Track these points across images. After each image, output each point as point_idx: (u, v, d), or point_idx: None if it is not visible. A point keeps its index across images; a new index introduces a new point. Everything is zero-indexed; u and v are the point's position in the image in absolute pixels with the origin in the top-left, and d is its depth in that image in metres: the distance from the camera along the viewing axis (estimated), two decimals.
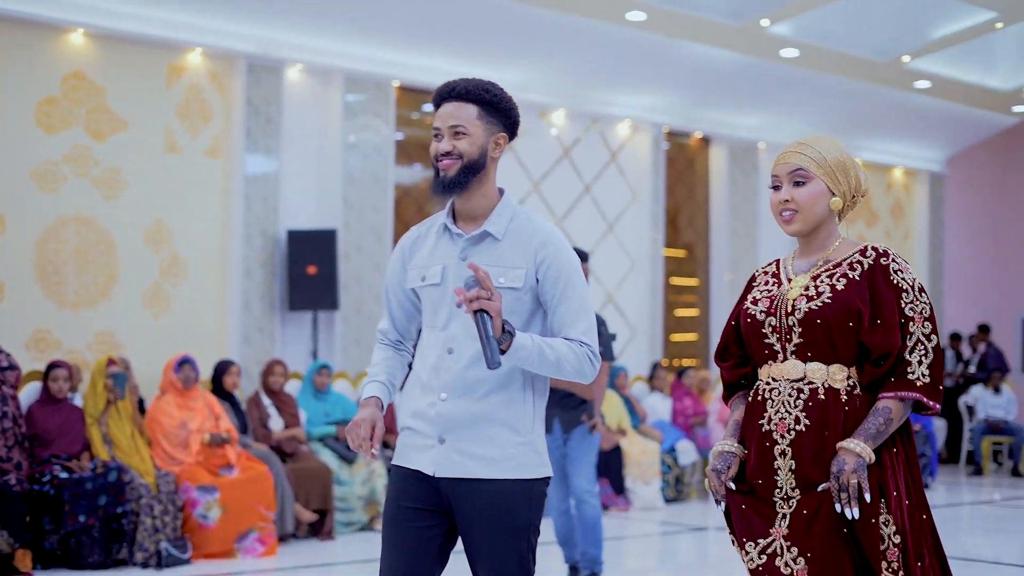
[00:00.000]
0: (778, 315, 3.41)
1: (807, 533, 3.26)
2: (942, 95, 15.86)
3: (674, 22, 12.60)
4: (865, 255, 3.39)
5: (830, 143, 3.47)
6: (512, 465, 3.50)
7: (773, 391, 3.41)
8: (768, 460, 3.37)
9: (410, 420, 3.59)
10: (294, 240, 11.54)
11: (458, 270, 3.54)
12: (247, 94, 11.67)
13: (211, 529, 8.22)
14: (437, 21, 12.16)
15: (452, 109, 3.56)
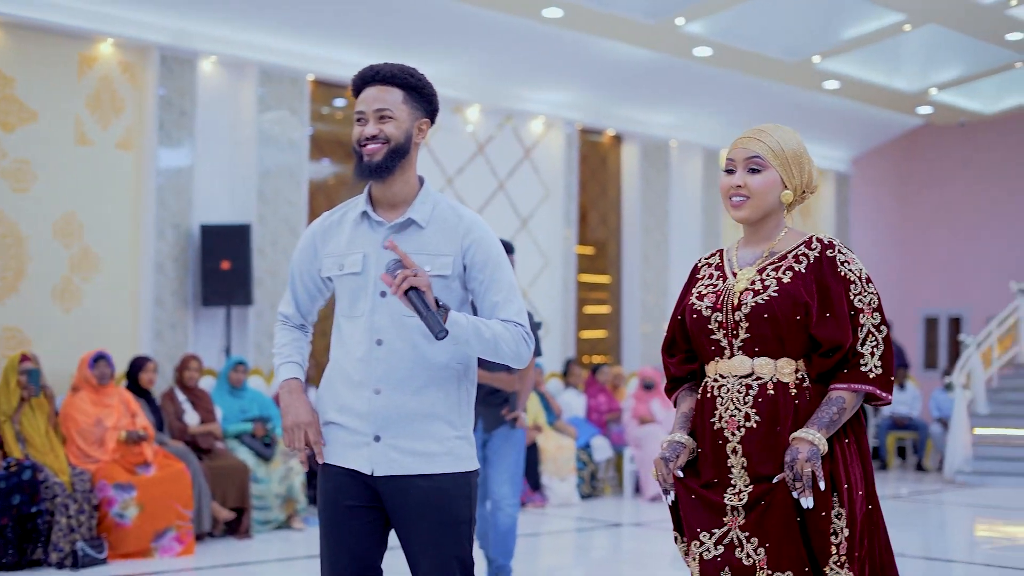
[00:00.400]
0: (724, 310, 3.38)
1: (761, 524, 3.24)
2: (850, 95, 16.12)
3: (590, 19, 12.65)
4: (810, 247, 3.37)
5: (788, 134, 3.45)
6: (451, 459, 3.47)
7: (722, 388, 3.38)
8: (721, 458, 3.35)
9: (336, 415, 3.51)
10: (207, 235, 11.39)
11: (380, 258, 3.48)
12: (160, 86, 11.48)
13: (128, 528, 8.07)
14: (352, 15, 12.07)
15: (377, 93, 3.49)
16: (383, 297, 3.45)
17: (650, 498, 12.25)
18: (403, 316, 3.43)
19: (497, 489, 6.73)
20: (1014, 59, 15.35)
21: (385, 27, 12.43)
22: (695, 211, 16.53)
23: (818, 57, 14.48)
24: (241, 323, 11.86)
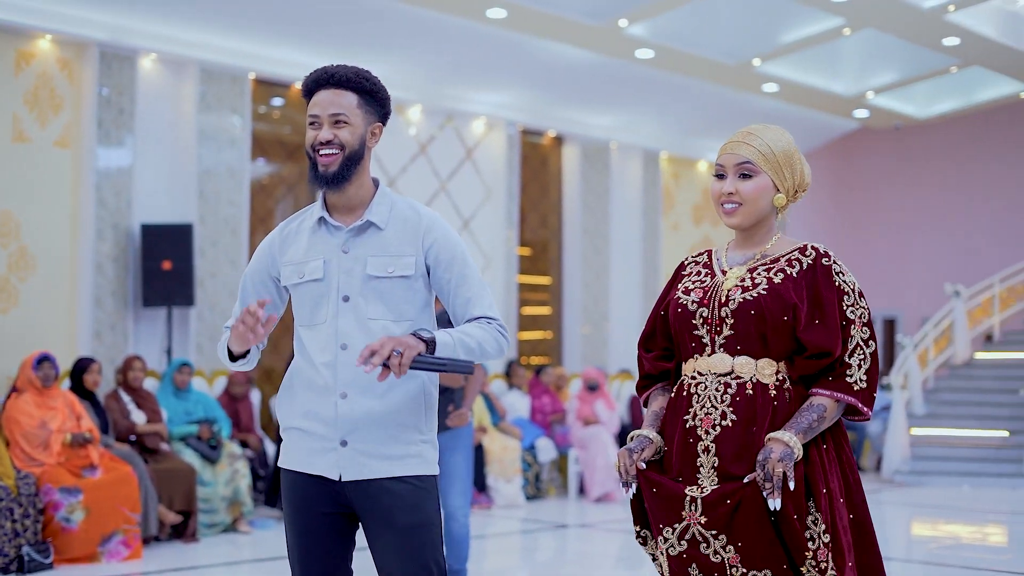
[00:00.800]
0: (711, 306, 3.33)
1: (731, 523, 3.16)
2: (788, 99, 16.25)
3: (534, 20, 12.62)
4: (805, 253, 3.33)
5: (778, 134, 3.41)
6: (418, 462, 3.44)
7: (699, 385, 3.32)
8: (690, 456, 3.29)
9: (300, 421, 3.46)
10: (148, 234, 11.22)
11: (340, 263, 3.43)
12: (99, 83, 11.29)
13: (74, 532, 7.91)
14: (294, 13, 11.96)
15: (332, 97, 3.44)
16: (346, 302, 3.40)
17: (595, 499, 12.25)
18: (368, 320, 3.40)
19: (450, 500, 6.51)
20: (950, 64, 15.55)
21: (327, 26, 12.33)
22: (635, 213, 16.56)
23: (758, 60, 14.58)
24: (182, 324, 11.68)
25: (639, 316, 16.43)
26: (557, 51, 13.68)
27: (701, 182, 17.94)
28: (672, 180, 17.45)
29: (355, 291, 3.41)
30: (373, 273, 3.41)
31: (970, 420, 14.92)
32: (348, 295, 3.41)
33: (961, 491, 13.43)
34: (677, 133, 17.01)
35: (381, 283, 3.41)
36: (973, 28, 14.09)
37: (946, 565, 8.27)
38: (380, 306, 3.40)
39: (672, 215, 17.40)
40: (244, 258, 12.28)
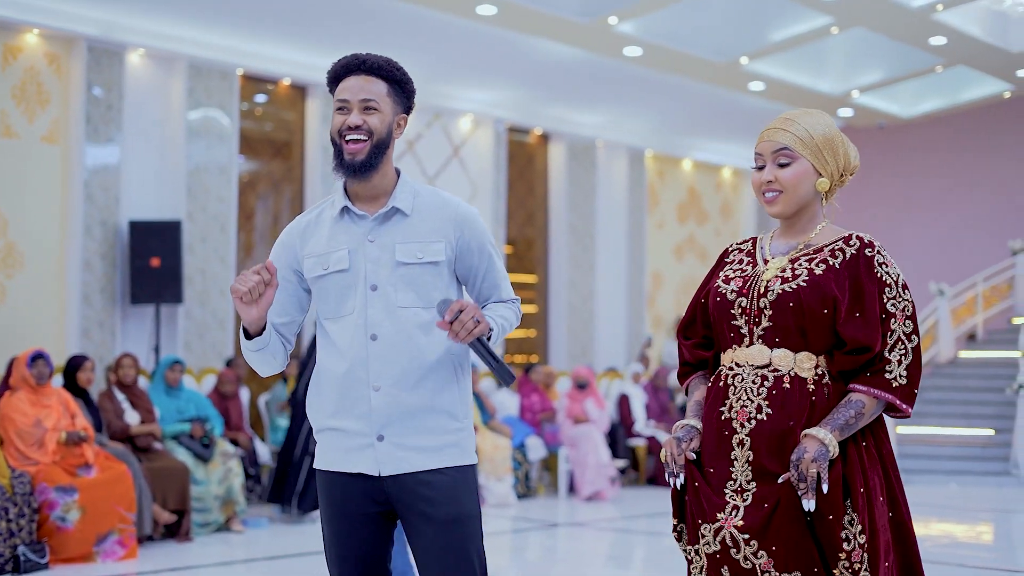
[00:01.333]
0: (750, 296, 3.24)
1: (767, 527, 3.08)
2: (774, 97, 16.26)
3: (524, 17, 12.60)
4: (849, 243, 3.23)
5: (817, 117, 3.31)
6: (456, 452, 3.38)
7: (736, 377, 3.24)
8: (725, 449, 3.21)
9: (332, 420, 3.39)
10: (136, 231, 11.13)
11: (366, 253, 3.37)
12: (87, 79, 11.20)
13: (69, 532, 7.81)
14: (282, 8, 11.90)
15: (362, 83, 3.37)
16: (375, 291, 3.34)
17: (586, 497, 12.22)
18: (397, 308, 3.34)
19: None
20: (935, 63, 15.60)
21: (316, 22, 12.27)
22: (620, 211, 16.55)
23: (746, 58, 14.58)
24: (170, 321, 11.60)
25: (625, 314, 16.43)
26: (545, 48, 13.65)
27: (686, 180, 17.95)
28: (657, 178, 17.44)
29: (383, 279, 3.34)
30: (402, 260, 3.35)
31: (956, 418, 14.97)
32: (376, 284, 3.34)
33: (948, 489, 13.48)
34: (662, 131, 17.01)
35: (411, 270, 3.35)
36: (960, 27, 14.15)
37: (945, 564, 8.28)
38: (410, 293, 3.34)
39: (657, 213, 17.39)
40: (233, 254, 12.20)
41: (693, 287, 17.77)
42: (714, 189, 18.43)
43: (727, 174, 18.61)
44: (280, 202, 13.48)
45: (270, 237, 13.33)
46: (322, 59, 12.89)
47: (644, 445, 13.67)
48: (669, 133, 17.14)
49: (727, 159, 18.32)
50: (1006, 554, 9.69)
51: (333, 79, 3.42)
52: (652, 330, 17.05)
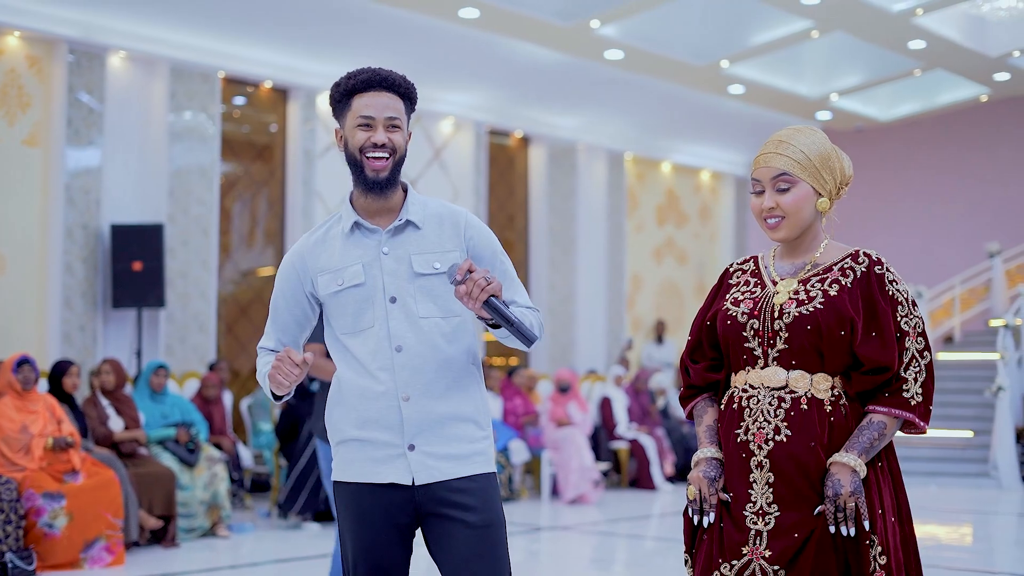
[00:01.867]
0: (762, 318, 3.22)
1: (798, 558, 3.07)
2: (753, 100, 16.33)
3: (506, 20, 12.61)
4: (857, 260, 3.23)
5: (810, 136, 3.27)
6: (483, 460, 3.39)
7: (751, 399, 3.22)
8: (744, 472, 3.19)
9: (358, 432, 3.37)
10: (118, 235, 11.07)
11: (381, 266, 3.36)
12: (68, 81, 11.13)
13: (57, 538, 7.75)
14: (264, 11, 11.88)
15: (386, 100, 3.37)
16: (394, 303, 3.34)
17: (569, 501, 12.22)
18: (419, 319, 3.34)
19: None
20: (914, 66, 15.70)
21: (298, 25, 12.25)
22: (600, 214, 16.56)
23: (726, 62, 14.63)
24: (152, 325, 11.54)
25: (604, 317, 16.45)
26: (527, 51, 13.67)
27: (665, 183, 17.98)
28: (636, 181, 17.47)
29: (402, 291, 3.35)
30: (419, 270, 3.35)
31: (935, 420, 15.01)
32: (395, 296, 3.35)
33: (928, 491, 13.55)
34: (642, 134, 17.04)
35: (428, 280, 3.35)
36: (938, 32, 14.24)
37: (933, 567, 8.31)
38: (429, 304, 3.35)
39: (636, 216, 17.42)
40: (215, 258, 12.16)
41: (672, 290, 17.82)
42: (693, 192, 18.47)
43: (706, 177, 18.66)
44: (261, 205, 13.44)
45: (250, 240, 13.28)
46: (303, 62, 12.88)
47: (626, 448, 13.68)
48: (648, 136, 17.17)
49: (706, 162, 18.37)
50: (987, 556, 9.75)
51: (348, 93, 3.39)
52: (632, 332, 17.08)
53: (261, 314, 13.06)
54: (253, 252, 13.48)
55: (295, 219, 13.14)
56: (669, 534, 10.26)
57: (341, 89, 3.41)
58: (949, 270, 17.84)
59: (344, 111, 3.42)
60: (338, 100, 3.43)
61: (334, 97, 3.44)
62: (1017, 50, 15.21)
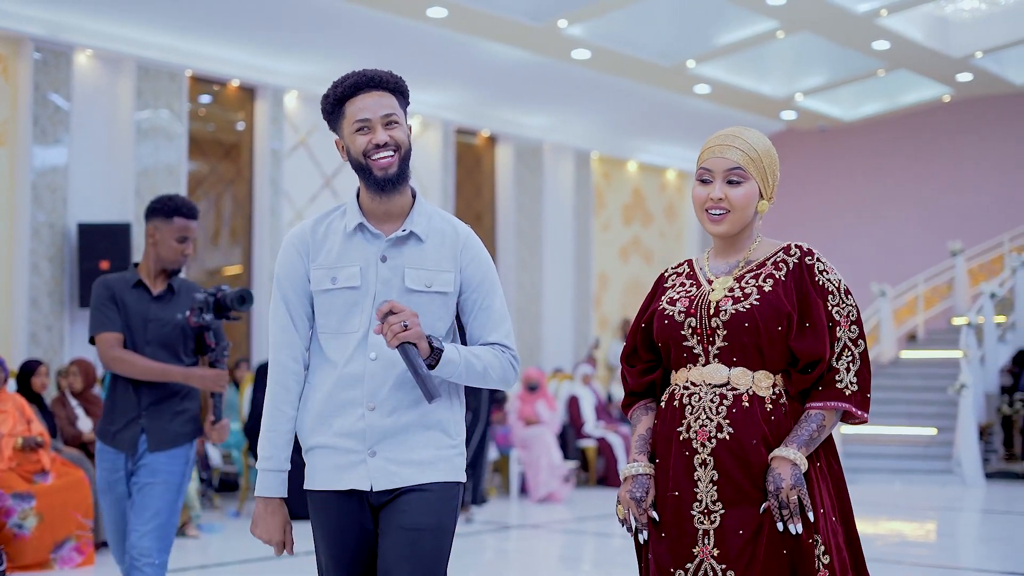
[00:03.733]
0: (699, 316, 3.19)
1: (744, 555, 3.07)
2: (718, 100, 16.42)
3: (474, 20, 12.63)
4: (789, 253, 3.22)
5: (759, 136, 3.25)
6: (444, 468, 3.32)
7: (692, 396, 3.19)
8: (688, 470, 3.17)
9: (325, 438, 3.32)
10: (85, 234, 11.03)
11: (379, 272, 3.30)
12: (34, 80, 11.08)
13: (26, 539, 7.71)
14: (232, 9, 11.84)
15: (378, 98, 3.32)
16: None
17: (538, 499, 12.26)
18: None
19: (137, 541, 4.69)
20: (878, 67, 15.83)
21: (266, 24, 12.23)
22: (567, 213, 16.63)
23: (692, 62, 14.71)
24: None
25: (571, 315, 16.51)
26: (495, 51, 13.69)
27: (631, 182, 18.06)
28: (603, 180, 17.54)
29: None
30: (411, 286, 3.30)
31: (899, 418, 15.18)
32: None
33: (893, 488, 13.67)
34: (608, 134, 17.12)
35: (420, 297, 3.30)
36: (902, 32, 14.36)
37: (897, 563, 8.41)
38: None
39: (603, 215, 17.49)
40: None
41: (638, 288, 17.89)
42: (659, 191, 18.56)
43: (671, 176, 18.75)
44: (227, 204, 13.41)
45: (216, 240, 13.26)
46: (271, 61, 12.86)
47: (594, 446, 13.74)
48: (615, 135, 17.25)
49: (671, 161, 18.47)
50: (951, 552, 9.86)
51: (338, 101, 3.36)
52: (598, 331, 17.14)
53: None
54: (220, 251, 13.44)
55: (262, 218, 13.12)
56: None
57: (331, 99, 3.37)
58: (912, 269, 18.00)
59: (339, 120, 3.37)
60: (330, 111, 3.38)
61: (326, 109, 3.39)
62: (980, 51, 15.36)
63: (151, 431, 4.79)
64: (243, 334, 13.13)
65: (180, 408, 4.88)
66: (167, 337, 4.86)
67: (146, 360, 4.78)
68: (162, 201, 4.95)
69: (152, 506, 4.74)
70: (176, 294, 4.92)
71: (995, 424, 15.86)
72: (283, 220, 13.27)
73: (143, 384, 4.82)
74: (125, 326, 4.83)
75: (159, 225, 4.88)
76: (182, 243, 4.90)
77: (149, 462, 4.79)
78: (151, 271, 4.92)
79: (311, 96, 13.60)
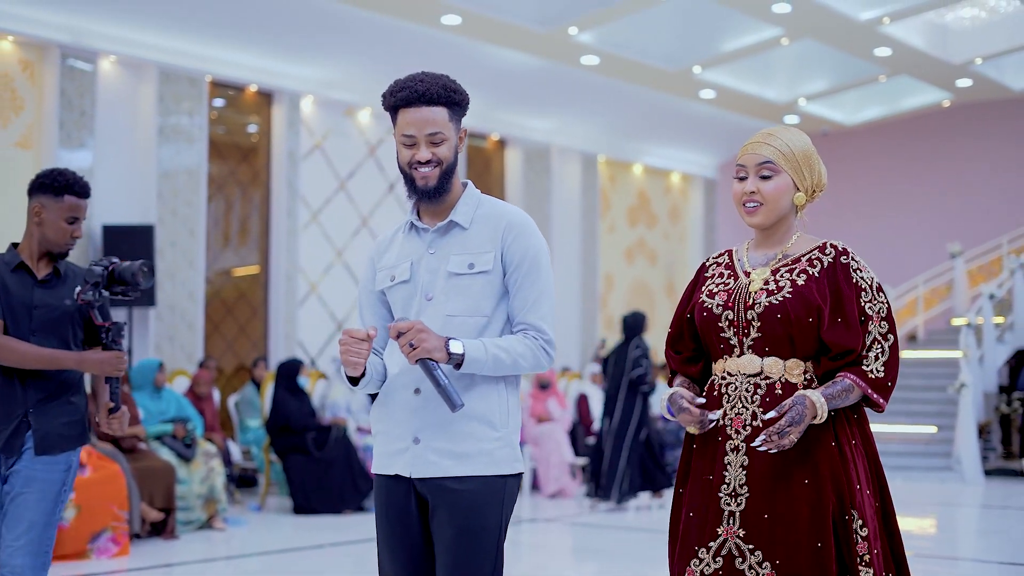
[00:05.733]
0: (736, 309, 3.36)
1: (772, 538, 3.22)
2: (723, 105, 16.71)
3: (487, 27, 12.92)
4: (825, 252, 3.39)
5: (797, 135, 3.43)
6: (486, 461, 3.40)
7: (729, 386, 3.36)
8: (719, 455, 3.34)
9: (383, 424, 3.53)
10: (110, 235, 11.31)
11: (427, 264, 3.48)
12: (60, 85, 11.37)
13: (65, 530, 8.01)
14: (250, 16, 12.14)
15: (426, 115, 3.41)
16: (429, 301, 3.46)
17: (550, 495, 12.55)
18: (446, 316, 3.44)
19: (8, 558, 4.30)
20: (879, 73, 16.13)
21: (283, 30, 12.52)
22: (574, 215, 16.92)
23: (699, 67, 15.01)
24: (141, 324, 11.80)
25: (579, 315, 16.79)
26: (505, 57, 13.98)
27: (636, 184, 18.35)
28: (609, 183, 17.83)
29: (438, 289, 3.46)
30: (454, 270, 3.44)
31: (900, 416, 15.44)
32: (431, 294, 3.46)
33: (895, 485, 13.96)
34: (614, 137, 17.40)
35: (462, 280, 3.44)
36: (903, 39, 14.65)
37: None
38: (459, 302, 3.44)
39: (609, 217, 17.78)
40: (202, 259, 12.42)
41: (643, 289, 18.18)
42: (663, 193, 18.85)
43: (676, 179, 19.05)
44: (245, 206, 13.69)
45: (235, 241, 13.54)
46: (288, 66, 13.15)
47: None
48: (621, 139, 17.54)
49: (676, 164, 18.76)
50: (951, 544, 10.15)
51: (392, 108, 3.48)
52: (604, 331, 17.42)
53: (245, 313, 13.33)
54: (238, 253, 13.73)
55: (279, 220, 13.41)
56: (646, 525, 10.60)
57: (386, 104, 3.49)
58: (912, 270, 18.30)
59: (393, 122, 3.50)
60: (387, 111, 3.51)
61: (384, 107, 3.53)
62: (979, 57, 15.67)
63: (39, 431, 4.34)
64: (260, 333, 13.42)
65: (70, 405, 4.45)
66: (55, 325, 4.43)
67: (33, 347, 4.33)
68: (51, 176, 4.50)
69: (26, 518, 4.29)
70: (64, 279, 4.49)
71: (993, 423, 16.15)
72: (299, 222, 13.56)
73: (30, 377, 4.37)
74: (7, 312, 4.37)
75: (46, 203, 4.43)
76: (72, 224, 4.46)
77: (23, 468, 4.33)
78: (34, 253, 4.46)
79: (327, 101, 13.90)
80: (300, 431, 10.77)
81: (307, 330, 13.65)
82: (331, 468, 10.73)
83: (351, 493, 10.80)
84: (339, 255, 14.13)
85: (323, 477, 10.71)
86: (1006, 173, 18.42)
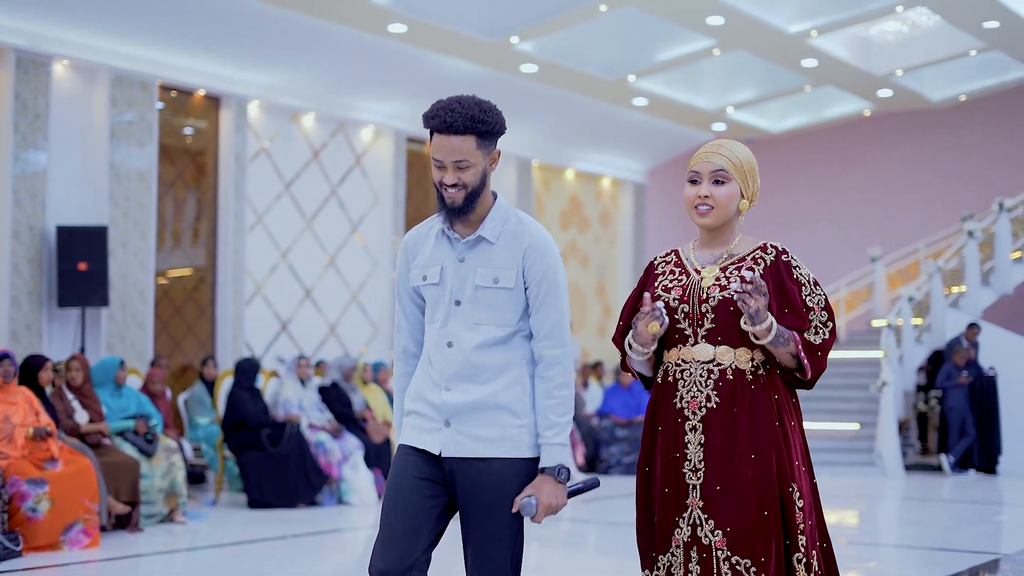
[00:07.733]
0: (691, 302, 3.68)
1: (723, 508, 3.54)
2: (654, 112, 17.21)
3: (432, 36, 13.28)
4: (766, 252, 3.74)
5: (743, 148, 3.77)
6: (508, 445, 3.72)
7: (684, 372, 3.69)
8: (680, 434, 3.66)
9: (417, 405, 3.84)
10: (64, 236, 11.51)
11: (456, 271, 3.79)
12: (15, 88, 11.55)
13: (39, 522, 8.23)
14: (200, 23, 12.41)
15: (453, 144, 3.64)
16: (458, 306, 3.77)
17: None
18: (474, 323, 3.77)
19: None
20: (805, 83, 16.71)
21: (232, 37, 12.79)
22: None
23: (633, 76, 15.48)
24: (94, 324, 12.00)
25: None
26: (447, 64, 14.35)
27: (568, 189, 18.79)
28: (543, 187, 18.25)
29: (466, 297, 3.77)
30: (480, 284, 3.76)
31: (824, 414, 15.98)
32: (460, 300, 3.78)
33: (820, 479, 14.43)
34: (549, 142, 17.83)
35: (487, 292, 3.76)
36: (830, 51, 15.23)
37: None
38: (487, 312, 3.77)
39: (542, 221, 18.18)
40: (152, 260, 12.65)
41: (576, 291, 18.60)
42: (594, 198, 19.32)
43: (607, 183, 19.53)
44: (193, 208, 13.92)
45: (183, 242, 13.77)
46: (236, 71, 13.41)
47: None
48: (555, 144, 17.98)
49: (607, 169, 19.25)
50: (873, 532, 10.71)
51: (428, 130, 3.75)
52: None
53: (193, 313, 13.57)
54: (186, 253, 13.95)
55: (226, 221, 13.66)
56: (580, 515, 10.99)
57: (424, 125, 3.76)
58: (834, 273, 18.85)
59: (430, 140, 3.73)
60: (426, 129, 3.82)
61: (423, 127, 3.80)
62: (900, 69, 16.31)
63: None
64: (208, 332, 13.66)
65: None
66: None
67: None
68: None
69: None
70: None
71: (912, 420, 16.77)
72: (245, 223, 13.83)
73: None
74: None
75: None
76: None
77: None
78: None
79: (273, 105, 14.19)
80: (255, 428, 11.07)
81: (253, 330, 13.92)
82: (285, 463, 11.02)
83: (305, 488, 11.10)
84: (283, 256, 14.42)
85: (277, 472, 11.00)
86: (924, 180, 19.04)
